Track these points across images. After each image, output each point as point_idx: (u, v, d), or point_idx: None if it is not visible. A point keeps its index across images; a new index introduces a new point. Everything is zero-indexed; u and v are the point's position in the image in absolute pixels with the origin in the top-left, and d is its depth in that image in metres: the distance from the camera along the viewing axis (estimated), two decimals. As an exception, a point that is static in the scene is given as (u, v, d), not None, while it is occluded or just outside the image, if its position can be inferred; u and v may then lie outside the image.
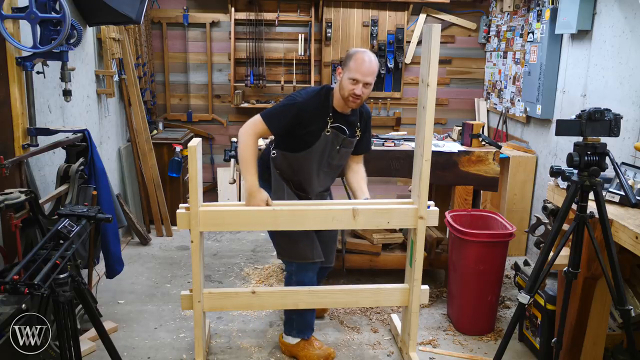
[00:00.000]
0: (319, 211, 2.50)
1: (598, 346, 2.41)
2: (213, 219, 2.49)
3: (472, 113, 5.41)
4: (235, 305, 2.75)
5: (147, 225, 4.56)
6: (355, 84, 2.49)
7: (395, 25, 5.07)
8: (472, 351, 2.90)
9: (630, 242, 2.02)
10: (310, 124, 2.56)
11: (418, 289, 2.64)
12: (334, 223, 2.53)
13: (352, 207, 2.50)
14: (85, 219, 1.98)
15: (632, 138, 2.92)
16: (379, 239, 3.49)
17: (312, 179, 2.70)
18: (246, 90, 5.18)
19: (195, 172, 2.39)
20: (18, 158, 2.44)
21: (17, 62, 2.50)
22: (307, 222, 2.52)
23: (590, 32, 3.40)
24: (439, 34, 2.31)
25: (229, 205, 2.72)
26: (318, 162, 2.65)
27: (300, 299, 2.65)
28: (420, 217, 2.53)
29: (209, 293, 2.61)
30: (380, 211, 2.53)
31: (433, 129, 2.46)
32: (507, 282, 3.69)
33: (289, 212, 2.49)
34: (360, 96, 2.52)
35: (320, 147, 2.61)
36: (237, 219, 2.51)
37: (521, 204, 4.18)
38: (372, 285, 2.77)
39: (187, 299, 2.57)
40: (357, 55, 2.52)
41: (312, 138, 2.59)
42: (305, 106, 2.53)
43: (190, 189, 2.40)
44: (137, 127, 4.31)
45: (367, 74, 2.50)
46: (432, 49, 2.31)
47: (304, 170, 2.67)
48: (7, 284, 1.61)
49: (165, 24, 5.04)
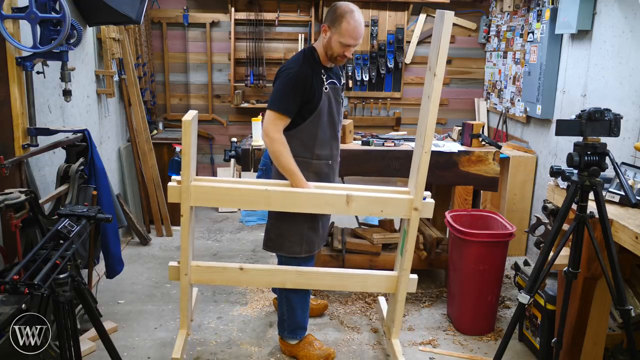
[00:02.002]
0: (312, 194, 2.46)
1: (598, 346, 2.41)
2: (204, 194, 2.47)
3: (472, 113, 5.41)
4: (222, 279, 2.74)
5: (147, 225, 4.55)
6: (347, 48, 2.47)
7: (395, 25, 5.07)
8: (472, 351, 2.90)
9: (630, 242, 2.02)
10: (312, 87, 2.49)
11: (406, 277, 2.61)
12: (327, 207, 2.49)
13: (347, 193, 2.46)
14: (85, 219, 1.98)
15: (632, 138, 2.92)
16: (379, 239, 3.49)
17: (328, 143, 2.62)
18: (246, 90, 5.18)
19: (189, 147, 2.36)
20: (18, 158, 2.44)
21: (17, 62, 2.49)
22: (300, 204, 2.47)
23: (590, 32, 3.40)
24: (451, 22, 2.22)
25: (222, 181, 2.64)
26: (328, 122, 2.59)
27: (288, 278, 2.61)
28: (414, 208, 2.47)
29: (196, 266, 2.61)
30: (374, 199, 2.49)
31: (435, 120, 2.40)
32: (507, 282, 3.69)
33: (282, 194, 2.45)
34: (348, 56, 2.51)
35: (325, 107, 2.54)
36: (229, 196, 2.48)
37: (521, 204, 4.18)
38: (361, 271, 2.73)
39: (174, 270, 2.58)
40: (349, 18, 2.43)
41: (315, 100, 2.51)
42: (303, 74, 2.46)
43: (182, 163, 2.38)
44: (137, 127, 4.31)
45: (359, 37, 2.46)
46: (443, 36, 2.22)
47: (318, 137, 2.57)
48: (7, 284, 1.61)
49: (165, 24, 5.04)
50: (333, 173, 2.75)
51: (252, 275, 2.65)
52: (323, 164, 2.65)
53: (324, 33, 2.51)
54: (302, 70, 2.46)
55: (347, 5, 2.49)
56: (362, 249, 3.51)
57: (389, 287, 2.69)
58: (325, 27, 2.50)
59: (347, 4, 2.49)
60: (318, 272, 2.70)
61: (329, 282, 2.71)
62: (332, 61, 2.56)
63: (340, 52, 2.48)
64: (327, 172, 2.69)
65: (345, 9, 2.45)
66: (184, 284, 2.58)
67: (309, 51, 2.57)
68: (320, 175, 2.65)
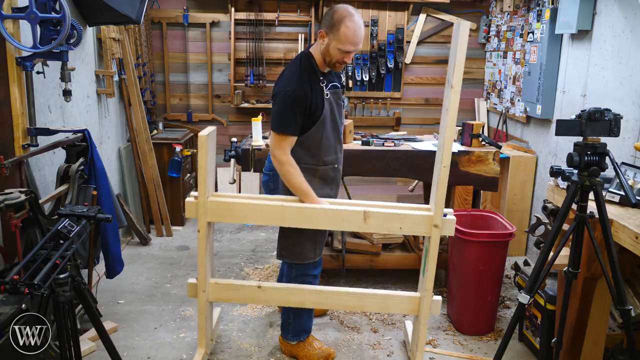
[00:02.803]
0: (329, 211, 2.43)
1: (598, 346, 2.41)
2: (221, 210, 2.47)
3: (472, 113, 5.41)
4: (239, 297, 2.73)
5: (147, 225, 4.55)
6: (347, 54, 2.37)
7: (395, 25, 5.07)
8: (472, 351, 2.90)
9: (630, 242, 2.02)
10: (312, 102, 2.42)
11: (429, 299, 2.52)
12: (344, 224, 2.46)
13: (364, 210, 2.41)
14: (85, 219, 1.98)
15: (632, 138, 2.92)
16: (379, 239, 3.49)
17: (333, 148, 2.58)
18: (246, 90, 5.18)
19: (205, 162, 2.37)
20: (18, 158, 2.44)
21: (17, 62, 2.50)
22: (316, 221, 2.44)
23: (590, 32, 3.40)
24: (467, 33, 2.17)
25: (238, 197, 2.64)
26: (332, 128, 2.55)
27: (306, 297, 2.59)
28: (435, 225, 2.40)
29: (214, 283, 2.61)
30: (393, 216, 2.42)
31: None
32: (507, 282, 3.69)
33: (298, 210, 2.43)
34: None
35: (328, 113, 2.49)
36: (245, 212, 2.47)
37: (521, 204, 4.17)
38: (381, 291, 2.66)
39: (192, 287, 2.58)
40: (348, 22, 2.30)
41: (318, 112, 2.45)
42: (301, 92, 2.37)
43: (199, 179, 2.39)
44: (137, 127, 4.31)
45: (359, 43, 2.35)
46: (459, 48, 2.16)
47: (323, 143, 2.52)
48: (7, 284, 1.61)
49: (165, 24, 5.04)
50: (338, 175, 2.72)
51: (270, 294, 2.63)
52: (329, 168, 2.62)
53: (322, 39, 2.39)
54: (300, 88, 2.37)
55: (346, 8, 2.36)
56: (362, 249, 3.51)
57: (411, 308, 2.59)
58: (323, 32, 2.38)
59: (345, 7, 2.36)
60: (337, 292, 2.65)
61: (347, 302, 2.65)
62: (330, 67, 2.47)
63: (340, 58, 2.39)
64: (334, 176, 2.67)
65: (344, 13, 2.32)
66: (202, 301, 2.58)
67: (305, 59, 2.45)
68: (326, 179, 2.63)
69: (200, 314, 2.60)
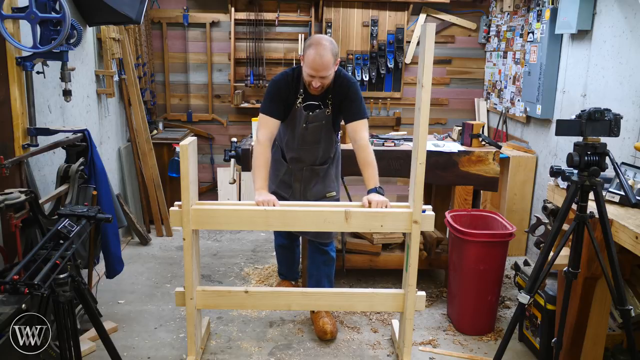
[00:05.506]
0: (311, 212, 2.51)
1: (598, 346, 2.41)
2: (205, 218, 2.52)
3: (472, 113, 5.41)
4: (228, 304, 2.79)
5: (147, 225, 4.56)
6: (312, 78, 2.62)
7: (395, 25, 5.07)
8: (472, 351, 2.90)
9: (630, 242, 2.02)
10: (286, 97, 2.74)
11: (413, 294, 2.60)
12: (326, 225, 2.53)
13: (345, 210, 2.49)
14: (85, 219, 1.98)
15: (632, 138, 2.92)
16: (379, 239, 3.49)
17: (294, 148, 2.88)
18: (246, 90, 5.18)
19: (187, 171, 2.41)
20: (18, 158, 2.44)
21: (17, 62, 2.50)
22: (299, 223, 2.54)
23: (590, 32, 3.40)
24: (434, 34, 2.30)
25: (221, 204, 2.72)
26: (292, 132, 2.85)
27: (293, 300, 2.68)
28: (414, 221, 2.49)
29: (202, 291, 2.63)
30: (373, 214, 2.52)
31: (429, 130, 2.45)
32: (507, 282, 3.69)
33: (280, 213, 2.50)
34: (319, 87, 2.65)
35: (292, 120, 2.80)
36: (228, 218, 2.53)
37: (521, 204, 4.18)
38: (367, 290, 2.78)
39: (180, 295, 2.61)
40: (309, 50, 2.57)
41: (287, 110, 2.78)
42: (279, 83, 2.74)
43: (182, 187, 2.43)
44: (137, 127, 4.31)
45: (319, 69, 2.58)
46: (427, 48, 2.29)
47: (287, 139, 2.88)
48: (7, 284, 1.62)
49: (165, 24, 5.04)
50: (293, 182, 2.96)
51: (258, 298, 2.69)
52: (287, 168, 2.94)
53: (302, 62, 2.67)
54: (279, 80, 2.75)
55: (316, 37, 2.65)
56: (362, 249, 3.51)
57: (396, 305, 2.68)
58: (302, 57, 2.66)
59: (318, 37, 2.66)
60: (324, 292, 2.77)
61: (335, 302, 2.73)
62: (308, 88, 2.71)
63: (308, 81, 2.65)
64: (288, 180, 2.97)
65: (312, 41, 2.60)
66: (190, 309, 2.59)
67: (297, 70, 2.76)
68: (283, 181, 2.97)
69: (189, 322, 2.61)
